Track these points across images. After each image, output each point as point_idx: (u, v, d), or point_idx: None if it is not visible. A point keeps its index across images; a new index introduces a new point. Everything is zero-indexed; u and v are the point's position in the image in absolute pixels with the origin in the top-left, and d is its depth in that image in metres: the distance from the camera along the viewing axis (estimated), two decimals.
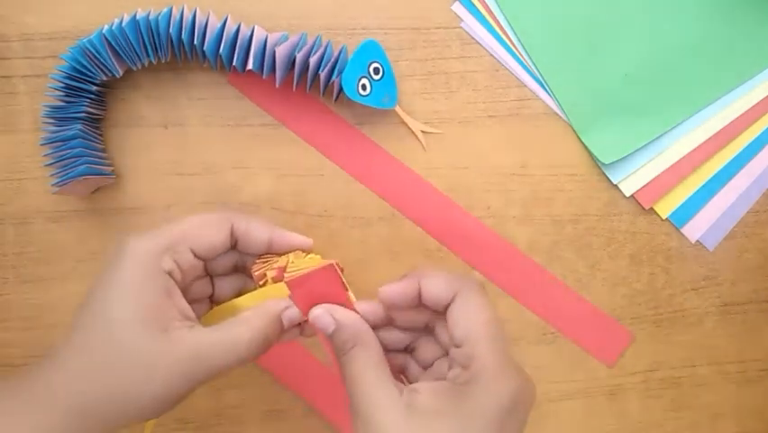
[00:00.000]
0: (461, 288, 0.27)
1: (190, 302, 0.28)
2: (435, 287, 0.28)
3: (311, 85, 0.36)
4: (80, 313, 0.27)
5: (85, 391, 0.25)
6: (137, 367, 0.25)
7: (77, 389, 0.25)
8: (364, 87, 0.35)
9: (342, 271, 0.29)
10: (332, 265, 0.29)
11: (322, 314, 0.28)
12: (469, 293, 0.27)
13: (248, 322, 0.27)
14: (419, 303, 0.28)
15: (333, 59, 0.35)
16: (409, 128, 0.38)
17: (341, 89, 0.35)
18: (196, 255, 0.29)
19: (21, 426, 0.25)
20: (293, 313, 0.29)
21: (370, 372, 0.27)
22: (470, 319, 0.27)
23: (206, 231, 0.29)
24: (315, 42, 0.35)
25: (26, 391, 0.25)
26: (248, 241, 0.30)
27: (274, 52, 0.34)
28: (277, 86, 0.35)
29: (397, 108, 0.37)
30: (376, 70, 0.36)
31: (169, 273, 0.27)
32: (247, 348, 0.27)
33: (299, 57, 0.34)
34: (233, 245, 0.31)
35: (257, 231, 0.30)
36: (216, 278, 0.32)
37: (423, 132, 0.38)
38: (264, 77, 0.35)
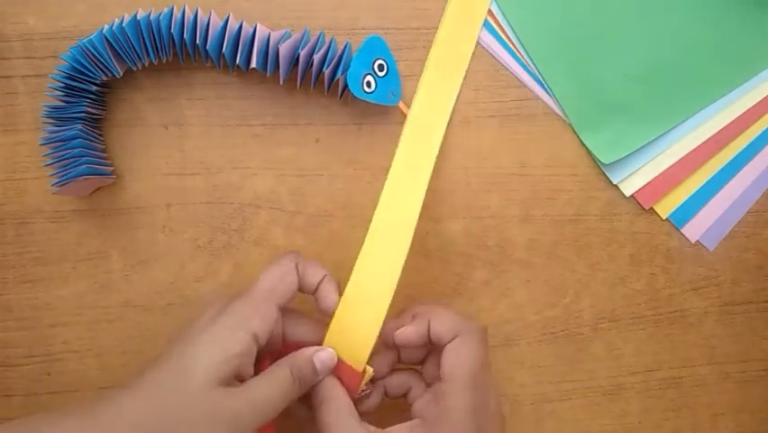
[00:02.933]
0: (463, 330, 0.31)
1: None
2: (442, 325, 0.31)
3: (315, 82, 0.36)
4: (160, 358, 0.28)
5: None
6: (199, 421, 0.26)
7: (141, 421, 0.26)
8: (369, 83, 0.35)
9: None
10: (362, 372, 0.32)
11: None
12: (468, 336, 0.31)
13: (288, 367, 0.30)
14: (428, 341, 0.32)
15: (337, 56, 0.35)
16: None
17: (345, 86, 0.35)
18: (278, 308, 0.31)
19: None
20: (325, 355, 0.31)
21: (341, 418, 0.30)
22: (459, 358, 0.30)
23: (286, 284, 0.31)
24: (318, 39, 0.35)
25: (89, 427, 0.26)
26: (303, 281, 0.32)
27: (277, 50, 0.34)
28: (281, 83, 0.35)
29: (401, 104, 0.38)
30: (380, 67, 0.36)
31: (255, 337, 0.29)
32: (291, 389, 0.29)
33: (303, 54, 0.34)
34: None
35: (313, 272, 0.32)
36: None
37: None
38: (268, 75, 0.35)
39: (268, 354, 0.31)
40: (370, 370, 0.32)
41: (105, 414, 0.26)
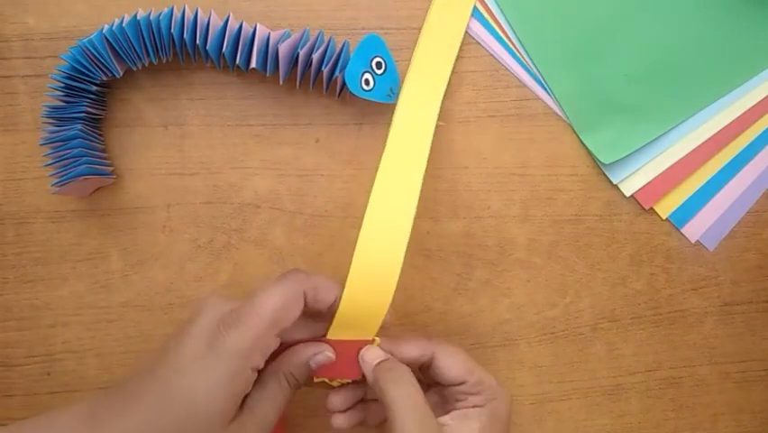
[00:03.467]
0: (436, 346, 0.32)
1: None
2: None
3: (314, 81, 0.36)
4: (151, 380, 0.27)
5: None
6: None
7: None
8: (367, 81, 0.35)
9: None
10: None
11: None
12: (446, 346, 0.33)
13: (283, 375, 0.30)
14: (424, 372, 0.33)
15: (335, 55, 0.35)
16: None
17: (344, 85, 0.35)
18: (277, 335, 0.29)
19: None
20: (321, 358, 0.31)
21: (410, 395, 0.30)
22: (458, 360, 0.32)
23: (289, 313, 0.29)
24: (317, 38, 0.35)
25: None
26: (315, 306, 0.31)
27: (277, 50, 0.34)
28: (280, 83, 0.35)
29: None
30: (378, 65, 0.36)
31: (255, 370, 0.28)
32: (287, 396, 0.30)
33: (302, 53, 0.34)
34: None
35: (325, 296, 0.31)
36: None
37: None
38: (268, 74, 0.35)
39: None
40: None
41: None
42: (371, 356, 0.31)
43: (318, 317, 0.32)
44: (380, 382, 0.29)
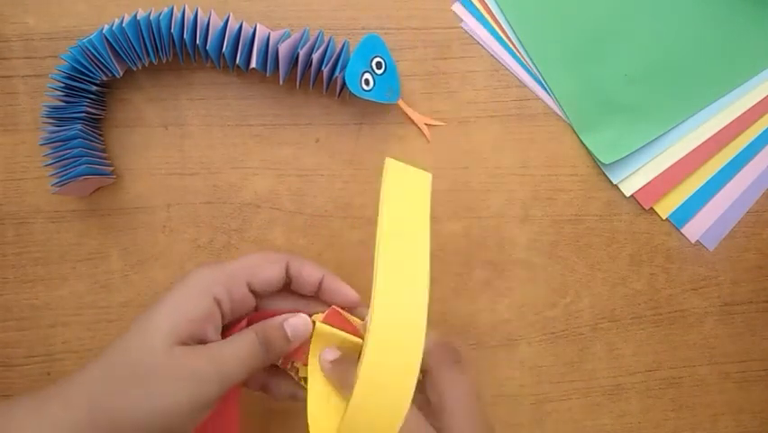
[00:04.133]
0: (436, 363, 0.30)
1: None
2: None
3: (314, 81, 0.36)
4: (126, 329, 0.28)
5: (107, 403, 0.26)
6: (155, 378, 0.26)
7: (113, 402, 0.26)
8: (367, 81, 0.35)
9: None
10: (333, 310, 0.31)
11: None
12: (446, 372, 0.29)
13: (254, 331, 0.29)
14: None
15: (335, 55, 0.35)
16: (410, 127, 0.38)
17: (344, 85, 0.35)
18: (251, 290, 0.30)
19: None
20: (296, 321, 0.30)
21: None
22: (444, 393, 0.29)
23: (264, 267, 0.30)
24: (317, 39, 0.35)
25: (62, 404, 0.26)
26: (301, 280, 0.31)
27: (277, 50, 0.34)
28: (280, 83, 0.35)
29: (401, 102, 0.38)
30: (378, 65, 0.36)
31: (218, 302, 0.29)
32: (256, 352, 0.29)
33: (302, 53, 0.34)
34: (287, 285, 0.32)
35: (310, 271, 0.31)
36: None
37: (426, 124, 0.38)
38: (268, 74, 0.35)
39: (242, 323, 0.30)
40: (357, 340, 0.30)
41: (68, 394, 0.26)
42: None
43: (302, 296, 0.32)
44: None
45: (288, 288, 0.32)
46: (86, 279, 0.38)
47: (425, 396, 0.30)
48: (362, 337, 0.30)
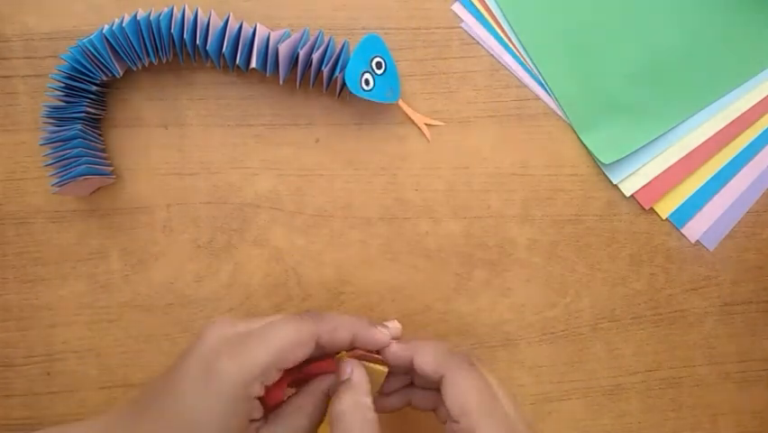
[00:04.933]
0: (447, 368, 0.29)
1: None
2: (425, 365, 0.29)
3: (314, 81, 0.36)
4: (155, 400, 0.27)
5: None
6: None
7: None
8: (367, 81, 0.35)
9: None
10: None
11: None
12: (457, 372, 0.29)
13: (301, 408, 0.29)
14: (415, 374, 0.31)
15: (335, 55, 0.35)
16: (410, 127, 0.38)
17: (344, 85, 0.35)
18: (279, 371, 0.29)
19: None
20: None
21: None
22: (461, 398, 0.28)
23: (297, 352, 0.28)
24: (317, 39, 0.35)
25: None
26: (333, 347, 0.30)
27: (277, 50, 0.34)
28: (280, 83, 0.35)
29: (401, 102, 0.38)
30: (378, 65, 0.36)
31: (258, 398, 0.27)
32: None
33: (302, 53, 0.34)
34: None
35: (342, 336, 0.29)
36: None
37: (426, 124, 0.38)
38: (268, 74, 0.35)
39: (283, 383, 0.30)
40: (382, 369, 0.32)
41: None
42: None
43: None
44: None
45: None
46: (86, 279, 0.38)
47: (447, 408, 0.29)
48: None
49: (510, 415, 0.28)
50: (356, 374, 0.29)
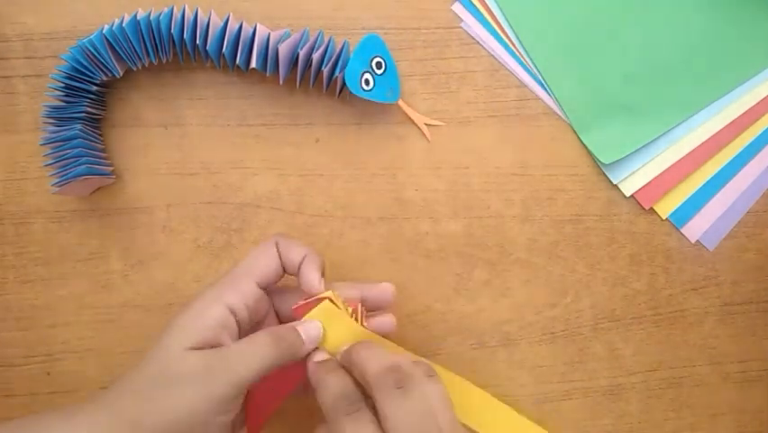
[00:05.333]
0: (375, 389, 0.27)
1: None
2: (361, 377, 0.29)
3: (314, 81, 0.36)
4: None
5: (135, 408, 0.27)
6: (172, 378, 0.27)
7: (136, 408, 0.27)
8: (367, 81, 0.35)
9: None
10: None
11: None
12: (381, 395, 0.27)
13: (266, 332, 0.30)
14: None
15: (335, 55, 0.35)
16: (410, 127, 0.38)
17: (344, 85, 0.35)
18: (260, 286, 0.31)
19: None
20: (309, 326, 0.31)
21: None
22: (386, 422, 0.26)
23: (259, 261, 0.32)
24: (317, 39, 0.35)
25: (89, 413, 0.27)
26: (288, 263, 0.32)
27: (277, 50, 0.34)
28: (280, 83, 0.35)
29: (401, 102, 0.38)
30: (378, 65, 0.36)
31: (232, 310, 0.29)
32: (270, 350, 0.29)
33: (302, 53, 0.34)
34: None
35: (296, 252, 0.32)
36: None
37: (426, 124, 0.38)
38: (268, 74, 0.35)
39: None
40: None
41: (98, 404, 0.28)
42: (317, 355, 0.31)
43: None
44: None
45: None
46: (86, 279, 0.38)
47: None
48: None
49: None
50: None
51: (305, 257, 0.32)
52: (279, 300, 0.34)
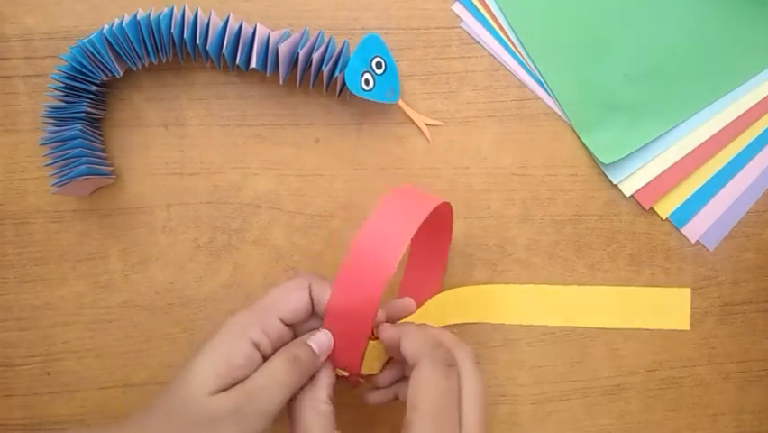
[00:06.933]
0: (422, 359, 0.29)
1: None
2: (406, 349, 0.30)
3: (314, 81, 0.36)
4: (173, 380, 0.29)
5: None
6: (204, 423, 0.27)
7: None
8: (367, 81, 0.35)
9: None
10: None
11: None
12: (427, 366, 0.29)
13: (280, 355, 0.30)
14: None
15: (335, 55, 0.35)
16: (410, 127, 0.38)
17: (344, 85, 0.35)
18: (284, 322, 0.30)
19: None
20: (320, 336, 0.31)
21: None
22: (416, 391, 0.29)
23: (289, 297, 0.31)
24: (317, 38, 0.35)
25: None
26: (321, 304, 0.31)
27: (277, 50, 0.34)
28: (280, 83, 0.35)
29: (401, 102, 0.38)
30: (378, 65, 0.36)
31: (257, 345, 0.29)
32: (289, 374, 0.29)
33: (302, 53, 0.34)
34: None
35: (329, 294, 0.31)
36: None
37: (426, 124, 0.38)
38: (268, 74, 0.35)
39: None
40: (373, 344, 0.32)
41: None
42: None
43: None
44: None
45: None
46: (86, 279, 0.38)
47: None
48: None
49: (464, 427, 0.29)
50: (319, 374, 0.30)
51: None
52: (299, 326, 0.33)
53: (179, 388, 0.28)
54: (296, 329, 0.32)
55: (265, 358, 0.29)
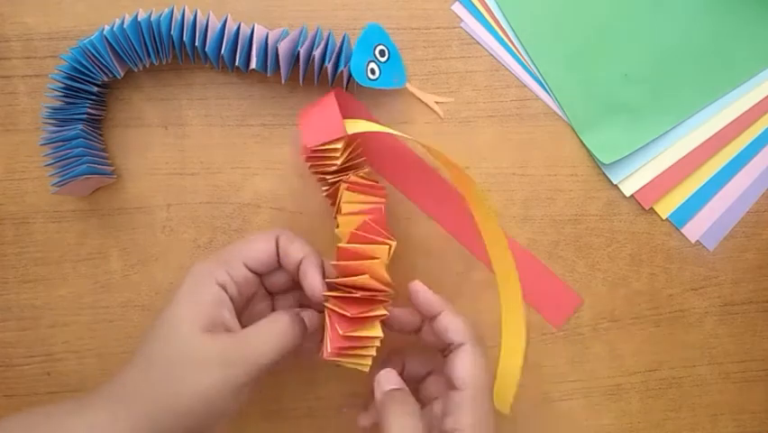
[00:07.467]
0: (470, 340, 0.31)
1: (257, 317, 0.31)
2: (452, 323, 0.32)
3: (318, 78, 0.36)
4: (147, 329, 0.30)
5: (150, 396, 0.27)
6: (187, 365, 0.27)
7: (144, 396, 0.27)
8: (373, 71, 0.35)
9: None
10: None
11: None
12: (478, 348, 0.31)
13: (277, 317, 0.30)
14: (420, 326, 0.33)
15: (336, 49, 0.35)
16: (414, 121, 0.38)
17: (350, 77, 0.35)
18: (249, 269, 0.31)
19: None
20: (309, 314, 0.32)
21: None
22: (471, 370, 0.30)
23: (255, 245, 0.32)
24: (316, 35, 0.35)
25: (102, 407, 0.27)
26: (287, 258, 0.32)
27: (276, 49, 0.34)
28: (283, 82, 0.35)
29: (408, 85, 0.37)
30: (382, 53, 0.36)
31: (222, 286, 0.30)
32: (279, 340, 0.30)
33: (303, 51, 0.34)
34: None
35: (297, 249, 0.32)
36: (276, 297, 0.35)
37: (437, 102, 0.38)
38: (269, 74, 0.35)
39: None
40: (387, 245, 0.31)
41: (111, 395, 0.28)
42: (386, 381, 0.31)
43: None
44: (386, 410, 0.29)
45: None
46: (86, 279, 0.38)
47: (451, 374, 0.31)
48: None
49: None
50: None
51: (304, 257, 0.32)
52: (267, 277, 0.33)
53: (162, 331, 0.28)
54: (263, 281, 0.33)
55: (233, 301, 0.30)
